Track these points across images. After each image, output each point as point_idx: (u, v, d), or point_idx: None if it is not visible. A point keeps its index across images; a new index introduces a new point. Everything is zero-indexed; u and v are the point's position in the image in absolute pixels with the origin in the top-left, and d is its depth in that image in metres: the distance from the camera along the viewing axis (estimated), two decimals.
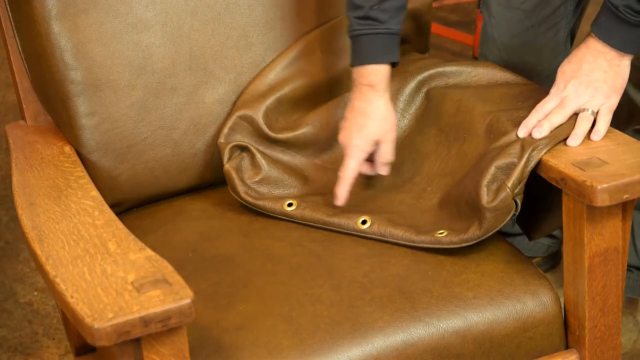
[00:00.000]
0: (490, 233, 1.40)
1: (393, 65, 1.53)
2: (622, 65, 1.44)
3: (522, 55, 1.85)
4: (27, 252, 2.34)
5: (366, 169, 1.57)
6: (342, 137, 1.53)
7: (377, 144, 1.53)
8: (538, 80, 1.82)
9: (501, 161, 1.40)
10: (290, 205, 1.54)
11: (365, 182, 1.60)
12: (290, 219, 1.54)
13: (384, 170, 1.55)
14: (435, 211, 1.50)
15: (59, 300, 1.17)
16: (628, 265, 1.98)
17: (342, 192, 1.51)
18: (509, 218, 1.40)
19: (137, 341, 1.13)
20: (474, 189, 1.41)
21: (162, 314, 1.10)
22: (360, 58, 1.51)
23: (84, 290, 1.14)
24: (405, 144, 1.62)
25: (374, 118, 1.51)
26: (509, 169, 1.39)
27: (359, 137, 1.51)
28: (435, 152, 1.57)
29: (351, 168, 1.51)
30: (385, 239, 1.47)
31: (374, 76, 1.51)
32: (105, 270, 1.18)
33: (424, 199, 1.53)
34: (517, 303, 1.37)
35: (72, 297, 1.13)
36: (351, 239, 1.49)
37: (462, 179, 1.49)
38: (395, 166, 1.60)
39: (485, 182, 1.39)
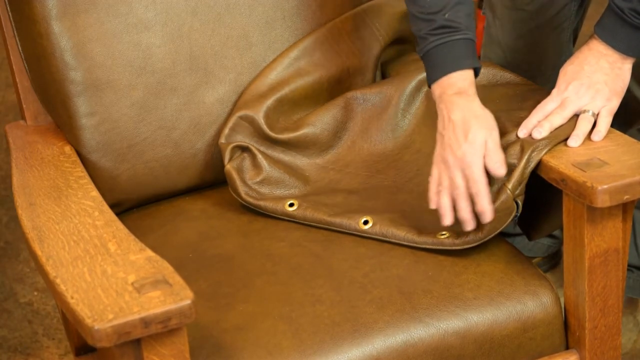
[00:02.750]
0: (493, 235, 1.40)
1: (475, 72, 1.44)
2: (624, 68, 1.44)
3: (526, 56, 1.85)
4: (27, 252, 2.34)
5: (468, 214, 1.40)
6: (449, 153, 1.39)
7: (485, 145, 1.39)
8: (541, 81, 1.82)
9: None
10: (291, 205, 1.54)
11: (367, 180, 1.60)
12: (292, 219, 1.54)
13: (500, 169, 1.38)
14: (437, 212, 1.50)
15: (59, 300, 1.17)
16: (628, 265, 1.98)
17: (487, 206, 1.37)
18: (510, 219, 1.39)
19: (138, 342, 1.13)
20: None
21: (162, 315, 1.10)
22: (443, 68, 1.42)
23: (84, 291, 1.14)
24: (406, 144, 1.62)
25: (474, 120, 1.39)
26: (509, 170, 1.39)
27: (469, 143, 1.38)
28: None
29: (480, 178, 1.37)
30: (387, 239, 1.47)
31: (462, 82, 1.41)
32: (105, 271, 1.18)
33: (427, 200, 1.53)
34: (517, 304, 1.37)
35: (72, 297, 1.13)
36: (351, 239, 1.49)
37: None
38: (396, 165, 1.60)
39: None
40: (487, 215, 1.37)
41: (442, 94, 1.42)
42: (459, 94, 1.41)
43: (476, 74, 1.44)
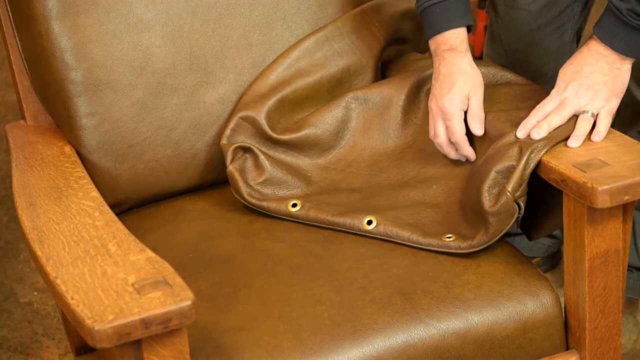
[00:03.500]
0: (497, 237, 1.40)
1: (468, 29, 1.54)
2: (623, 69, 1.44)
3: (528, 56, 1.85)
4: (27, 252, 2.34)
5: (453, 154, 1.55)
6: (434, 102, 1.53)
7: (467, 100, 1.52)
8: (543, 81, 1.82)
9: (500, 165, 1.40)
10: (294, 205, 1.54)
11: (369, 180, 1.60)
12: (294, 220, 1.54)
13: (478, 129, 1.52)
14: (441, 210, 1.50)
15: (59, 301, 1.17)
16: (629, 266, 1.98)
17: (468, 152, 1.52)
18: (513, 221, 1.39)
19: (138, 343, 1.13)
20: (476, 195, 1.41)
21: (162, 316, 1.10)
22: (436, 27, 1.53)
23: (85, 291, 1.14)
24: (408, 143, 1.62)
25: (461, 75, 1.52)
26: (508, 172, 1.39)
27: (451, 96, 1.50)
28: (439, 153, 1.57)
29: (459, 129, 1.51)
30: (391, 239, 1.47)
31: (454, 40, 1.52)
32: (105, 272, 1.18)
33: (430, 196, 1.53)
34: (517, 304, 1.37)
35: (72, 298, 1.13)
36: (351, 239, 1.49)
37: (467, 183, 1.49)
38: (399, 164, 1.60)
39: (486, 187, 1.39)
40: (470, 158, 1.53)
41: (436, 49, 1.54)
42: (451, 50, 1.53)
43: (469, 30, 1.55)
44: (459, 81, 1.51)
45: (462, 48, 1.53)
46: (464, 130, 1.51)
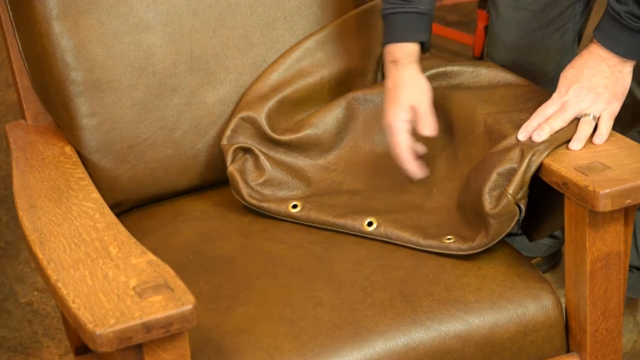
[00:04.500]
0: (497, 239, 1.40)
1: (423, 46, 1.55)
2: (624, 71, 1.44)
3: (529, 56, 1.85)
4: (27, 252, 2.34)
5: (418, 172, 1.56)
6: (383, 119, 1.56)
7: (413, 111, 1.53)
8: (544, 81, 1.82)
9: (502, 167, 1.39)
10: (295, 206, 1.54)
11: (369, 181, 1.60)
12: (294, 221, 1.54)
13: (427, 132, 1.53)
14: (441, 213, 1.50)
15: (60, 304, 1.17)
16: (629, 266, 1.98)
17: (411, 167, 1.54)
18: (513, 223, 1.39)
19: (139, 346, 1.13)
20: (476, 196, 1.41)
21: (164, 320, 1.10)
22: (389, 36, 1.55)
23: (86, 295, 1.14)
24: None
25: (403, 85, 1.53)
26: (510, 174, 1.39)
27: (393, 108, 1.53)
28: (441, 155, 1.57)
29: (402, 142, 1.53)
30: (392, 241, 1.47)
31: (398, 53, 1.54)
32: (106, 275, 1.18)
33: (430, 200, 1.53)
34: (518, 307, 1.37)
35: (73, 302, 1.13)
36: (352, 240, 1.49)
37: (467, 185, 1.49)
38: (399, 165, 1.59)
39: (487, 189, 1.39)
40: (414, 176, 1.55)
41: (385, 59, 1.57)
42: (394, 62, 1.55)
43: (424, 47, 1.56)
44: (401, 94, 1.53)
45: (406, 60, 1.54)
46: (408, 143, 1.53)
